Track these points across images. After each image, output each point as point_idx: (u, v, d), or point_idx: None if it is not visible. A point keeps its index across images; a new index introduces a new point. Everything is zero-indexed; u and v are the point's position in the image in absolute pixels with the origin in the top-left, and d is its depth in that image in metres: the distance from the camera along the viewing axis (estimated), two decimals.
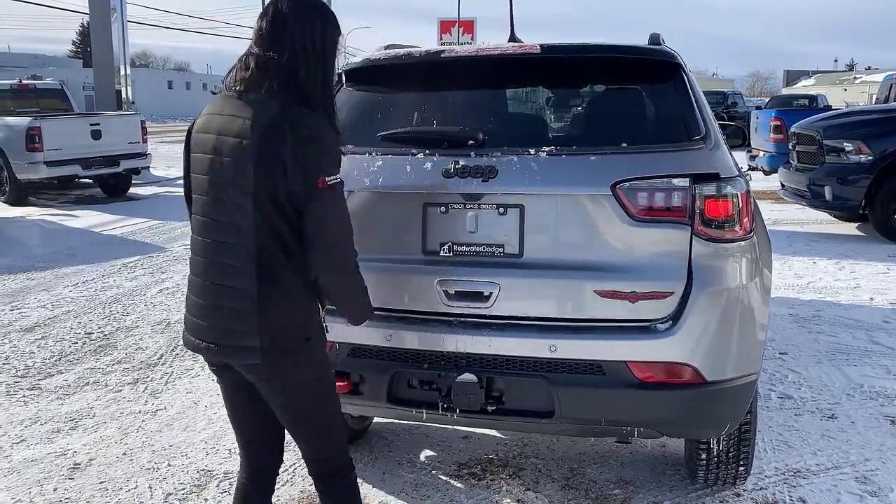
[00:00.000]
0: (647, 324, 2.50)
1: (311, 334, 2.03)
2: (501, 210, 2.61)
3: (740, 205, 2.55)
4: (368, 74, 3.07)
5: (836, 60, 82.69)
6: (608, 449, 3.50)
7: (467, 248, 2.66)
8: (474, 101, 3.10)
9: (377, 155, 2.75)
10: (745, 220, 2.56)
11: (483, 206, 2.62)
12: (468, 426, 3.49)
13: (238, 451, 2.31)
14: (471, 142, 2.68)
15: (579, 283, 2.53)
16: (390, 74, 3.06)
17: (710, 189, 2.53)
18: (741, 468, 2.98)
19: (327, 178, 1.92)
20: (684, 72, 2.88)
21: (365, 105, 3.06)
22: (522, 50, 2.84)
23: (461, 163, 2.62)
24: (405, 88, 3.07)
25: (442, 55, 2.94)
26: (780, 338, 5.09)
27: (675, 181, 2.51)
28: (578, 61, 2.92)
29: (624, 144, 2.62)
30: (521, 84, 3.69)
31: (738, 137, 4.96)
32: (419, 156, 2.70)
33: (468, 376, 2.57)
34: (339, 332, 2.72)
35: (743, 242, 2.57)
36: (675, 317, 2.49)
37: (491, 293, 2.58)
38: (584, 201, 2.54)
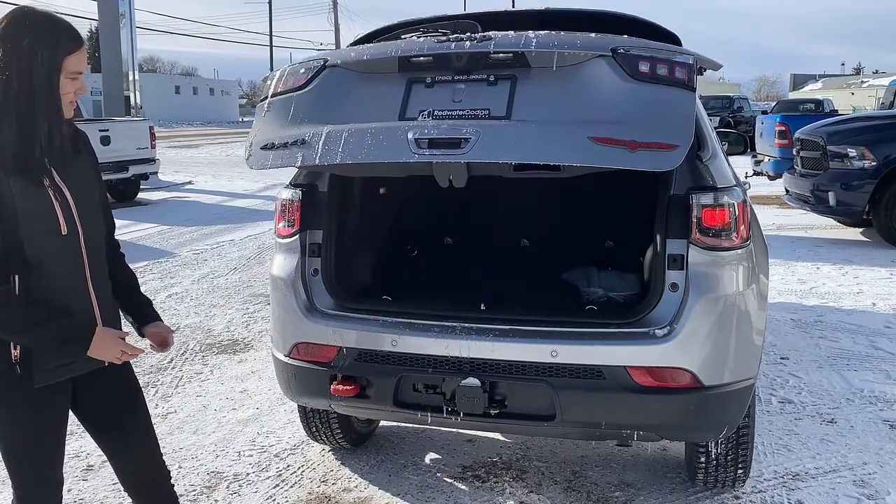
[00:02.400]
0: (647, 329, 2.57)
1: None
2: (491, 79, 2.50)
3: (737, 214, 2.62)
4: None
5: (843, 64, 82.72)
6: (610, 452, 3.57)
7: (448, 113, 2.49)
8: None
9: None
10: (742, 228, 2.63)
11: (472, 78, 2.50)
12: (472, 430, 3.55)
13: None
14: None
15: (572, 131, 2.35)
16: None
17: (706, 199, 2.59)
18: (740, 471, 3.04)
19: None
20: None
21: None
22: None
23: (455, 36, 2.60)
24: None
25: None
26: (782, 343, 5.14)
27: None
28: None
29: None
30: None
31: (740, 145, 5.02)
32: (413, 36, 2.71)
33: (471, 380, 2.64)
34: (346, 337, 2.82)
35: (740, 250, 2.63)
36: (673, 322, 2.55)
37: (468, 140, 2.36)
38: (581, 65, 2.43)
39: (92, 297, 2.00)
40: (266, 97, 2.79)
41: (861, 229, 9.40)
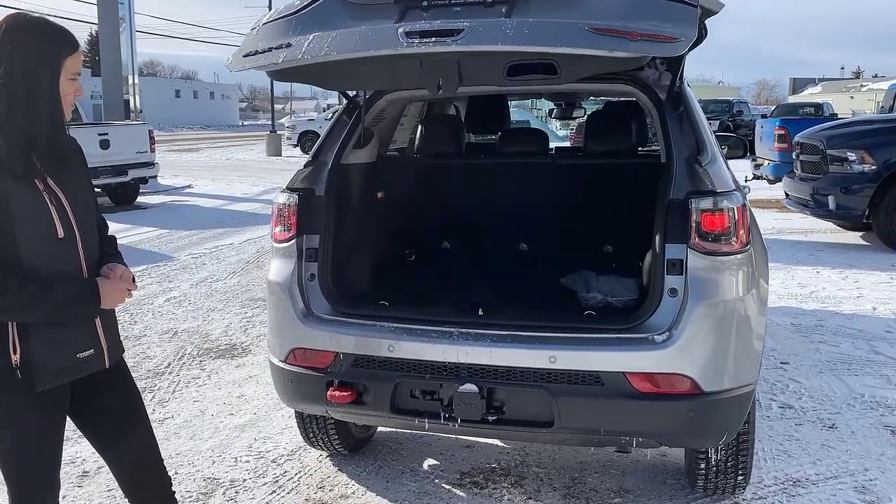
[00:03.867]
0: (646, 335, 2.55)
1: None
2: (489, 1, 2.47)
3: (736, 218, 2.60)
4: None
5: (842, 68, 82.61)
6: (609, 458, 3.54)
7: (445, 7, 2.48)
8: None
9: None
10: (742, 232, 2.61)
11: (469, 0, 2.49)
12: (469, 436, 3.53)
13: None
14: None
15: (572, 23, 2.31)
16: None
17: (706, 203, 2.58)
18: (740, 477, 3.01)
19: None
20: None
21: None
22: None
23: None
24: None
25: None
26: (782, 347, 5.11)
27: None
28: None
29: None
30: None
31: (740, 149, 5.02)
32: None
33: (469, 387, 2.62)
34: (343, 343, 2.80)
35: (739, 255, 2.61)
36: (673, 328, 2.53)
37: (462, 30, 2.33)
38: None
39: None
40: (256, 26, 2.76)
41: (861, 233, 9.38)
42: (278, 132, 28.12)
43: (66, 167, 1.98)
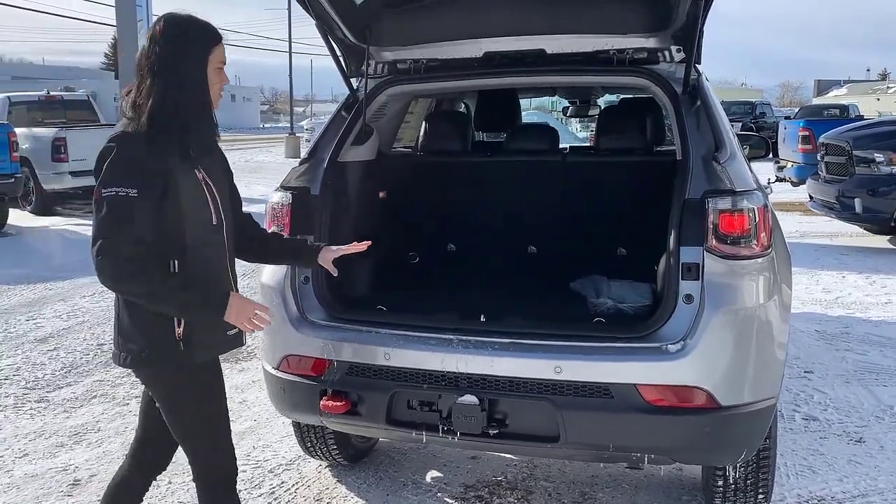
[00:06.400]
0: (659, 344, 2.38)
1: (147, 347, 2.07)
2: None
3: (757, 219, 2.42)
4: None
5: (868, 70, 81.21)
6: (621, 473, 3.36)
7: None
8: None
9: None
10: (763, 235, 2.42)
11: None
12: (470, 449, 3.37)
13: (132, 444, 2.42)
14: None
15: None
16: None
17: (724, 203, 2.40)
18: (760, 496, 2.82)
19: (102, 190, 1.98)
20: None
21: None
22: None
23: None
24: None
25: None
26: (806, 355, 4.90)
27: None
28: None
29: None
30: None
31: (761, 148, 4.80)
32: None
33: (469, 398, 2.46)
34: (337, 350, 2.65)
35: (760, 259, 2.43)
36: (688, 337, 2.36)
37: None
38: None
39: (231, 275, 2.24)
40: None
41: (888, 237, 9.10)
42: (297, 134, 28.12)
43: (211, 154, 2.17)
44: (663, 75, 2.92)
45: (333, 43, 3.12)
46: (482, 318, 2.66)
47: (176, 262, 2.04)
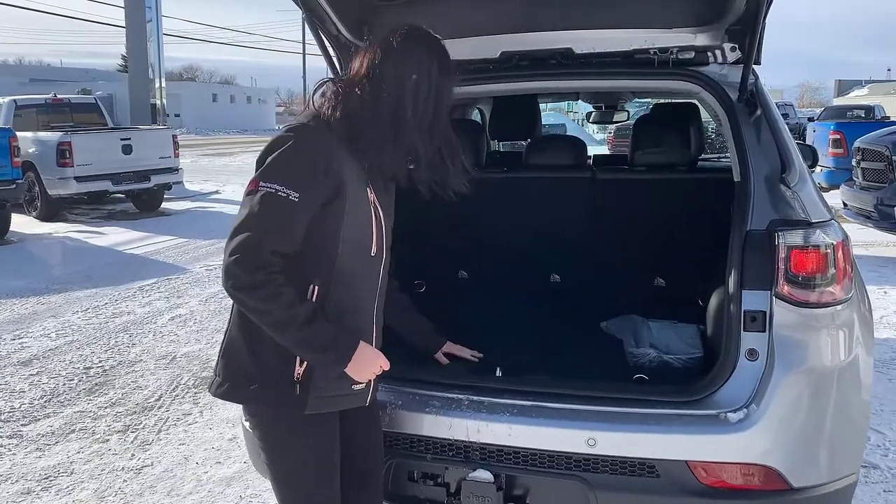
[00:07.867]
0: (716, 411, 1.93)
1: (252, 376, 1.80)
2: None
3: (836, 258, 1.97)
4: None
5: (889, 70, 79.77)
6: None
7: None
8: None
9: None
10: (844, 279, 1.97)
11: None
12: None
13: None
14: None
15: None
16: None
17: (796, 238, 1.95)
18: None
19: (261, 183, 1.72)
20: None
21: None
22: None
23: None
24: None
25: None
26: None
27: None
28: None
29: None
30: None
31: (808, 158, 4.33)
32: None
33: (482, 473, 2.03)
34: None
35: (840, 307, 1.98)
36: (752, 403, 1.91)
37: None
38: None
39: (374, 319, 1.93)
40: None
41: None
42: None
43: (387, 185, 1.92)
44: (715, 78, 2.46)
45: (325, 39, 2.70)
46: (498, 373, 2.23)
47: (317, 287, 1.77)
